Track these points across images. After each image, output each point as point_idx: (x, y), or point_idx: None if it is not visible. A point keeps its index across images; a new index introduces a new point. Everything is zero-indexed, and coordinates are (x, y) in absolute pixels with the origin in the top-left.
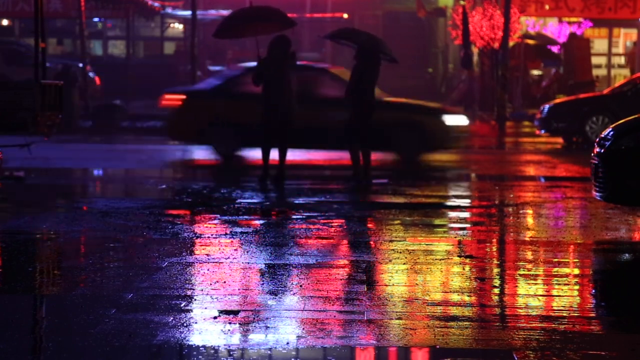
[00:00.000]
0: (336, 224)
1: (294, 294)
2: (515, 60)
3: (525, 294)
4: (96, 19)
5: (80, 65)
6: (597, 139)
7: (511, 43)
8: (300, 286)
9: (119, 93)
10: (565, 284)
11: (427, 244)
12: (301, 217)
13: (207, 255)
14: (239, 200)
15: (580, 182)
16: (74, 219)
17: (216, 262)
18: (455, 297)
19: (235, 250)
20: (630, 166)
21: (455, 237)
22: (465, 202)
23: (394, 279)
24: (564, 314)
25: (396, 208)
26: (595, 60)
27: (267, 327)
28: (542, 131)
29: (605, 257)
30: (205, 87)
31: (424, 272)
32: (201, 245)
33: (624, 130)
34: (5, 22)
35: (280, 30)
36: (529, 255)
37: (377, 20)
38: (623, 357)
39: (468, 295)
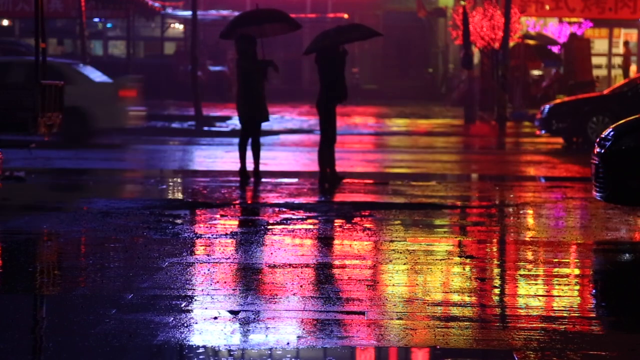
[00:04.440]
0: (336, 224)
1: (294, 294)
2: (515, 61)
3: (526, 294)
4: (96, 19)
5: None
6: (598, 139)
7: (511, 43)
8: (301, 286)
9: None
10: (565, 284)
11: (427, 244)
12: (301, 217)
13: (208, 255)
14: (238, 200)
15: (580, 183)
16: (74, 219)
17: (216, 262)
18: (455, 298)
19: (235, 250)
20: (631, 166)
21: (456, 238)
22: (465, 202)
23: (394, 279)
24: (564, 314)
25: (396, 208)
26: (595, 60)
27: (267, 327)
28: (543, 131)
29: (606, 257)
30: None
31: (424, 273)
32: (201, 246)
33: (624, 130)
34: (5, 22)
35: (286, 32)
36: (530, 255)
37: (377, 20)
38: (623, 357)
39: (468, 296)
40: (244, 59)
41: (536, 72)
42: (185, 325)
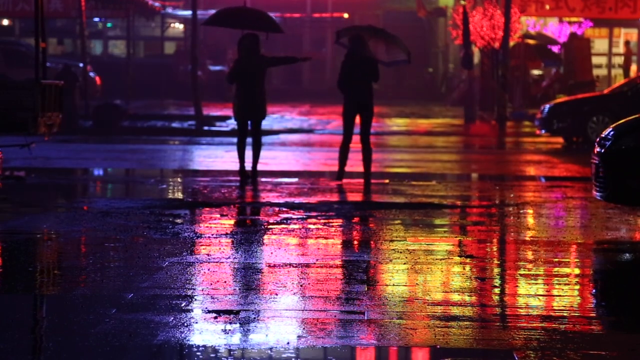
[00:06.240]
0: (336, 223)
1: (294, 293)
2: (515, 60)
3: (526, 294)
4: (96, 19)
5: (81, 65)
6: (598, 139)
7: (511, 43)
8: (301, 286)
9: (119, 93)
10: (565, 284)
11: (427, 244)
12: (301, 216)
13: (208, 255)
14: (238, 200)
15: (580, 182)
16: (74, 218)
17: (216, 262)
18: (455, 297)
19: (236, 250)
20: (631, 166)
21: (456, 237)
22: (465, 202)
23: (395, 278)
24: (565, 314)
25: (396, 208)
26: (595, 60)
27: (267, 327)
28: (543, 131)
29: (606, 257)
30: None
31: (424, 272)
32: (201, 245)
33: (624, 130)
34: (5, 22)
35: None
36: (530, 255)
37: (377, 20)
38: (623, 357)
39: (468, 295)
40: (247, 58)
41: (536, 72)
42: (185, 325)
